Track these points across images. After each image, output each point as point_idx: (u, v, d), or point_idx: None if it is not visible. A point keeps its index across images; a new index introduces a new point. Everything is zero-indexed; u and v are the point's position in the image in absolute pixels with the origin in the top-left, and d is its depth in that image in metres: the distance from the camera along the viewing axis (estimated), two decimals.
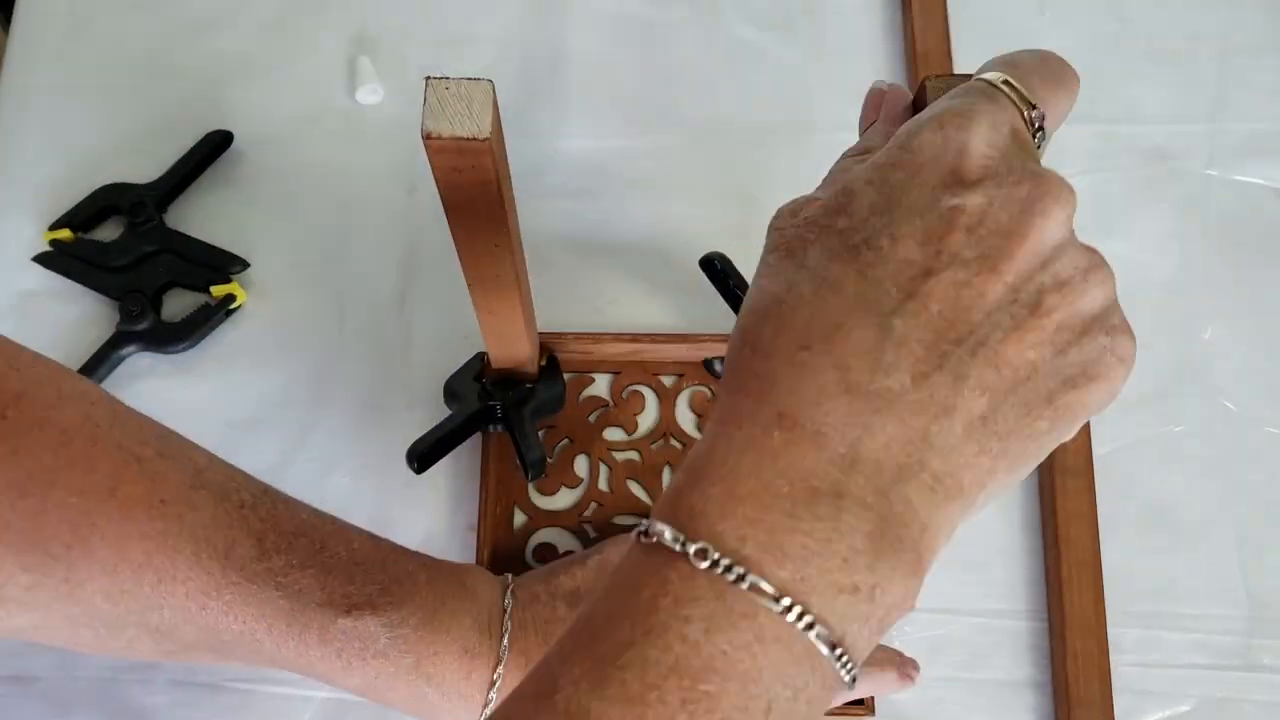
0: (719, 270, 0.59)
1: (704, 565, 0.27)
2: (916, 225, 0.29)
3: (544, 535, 0.59)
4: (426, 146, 0.35)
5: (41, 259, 0.64)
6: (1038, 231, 0.29)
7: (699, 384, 0.62)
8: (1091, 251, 0.31)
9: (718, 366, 0.58)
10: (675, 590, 0.27)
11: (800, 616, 0.27)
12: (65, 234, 0.63)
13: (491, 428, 0.58)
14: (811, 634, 0.27)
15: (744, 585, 0.27)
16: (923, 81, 0.35)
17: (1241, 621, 0.58)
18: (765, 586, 0.27)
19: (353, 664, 0.45)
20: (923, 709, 0.56)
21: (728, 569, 0.27)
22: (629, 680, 0.26)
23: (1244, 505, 0.61)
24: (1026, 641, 0.58)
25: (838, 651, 0.27)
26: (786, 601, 0.27)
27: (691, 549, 0.27)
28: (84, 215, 0.64)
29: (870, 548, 0.28)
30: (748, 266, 0.62)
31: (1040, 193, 0.29)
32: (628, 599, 0.28)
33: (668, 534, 0.28)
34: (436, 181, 0.37)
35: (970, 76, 0.33)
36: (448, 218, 0.40)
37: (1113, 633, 0.56)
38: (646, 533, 0.29)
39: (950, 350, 0.28)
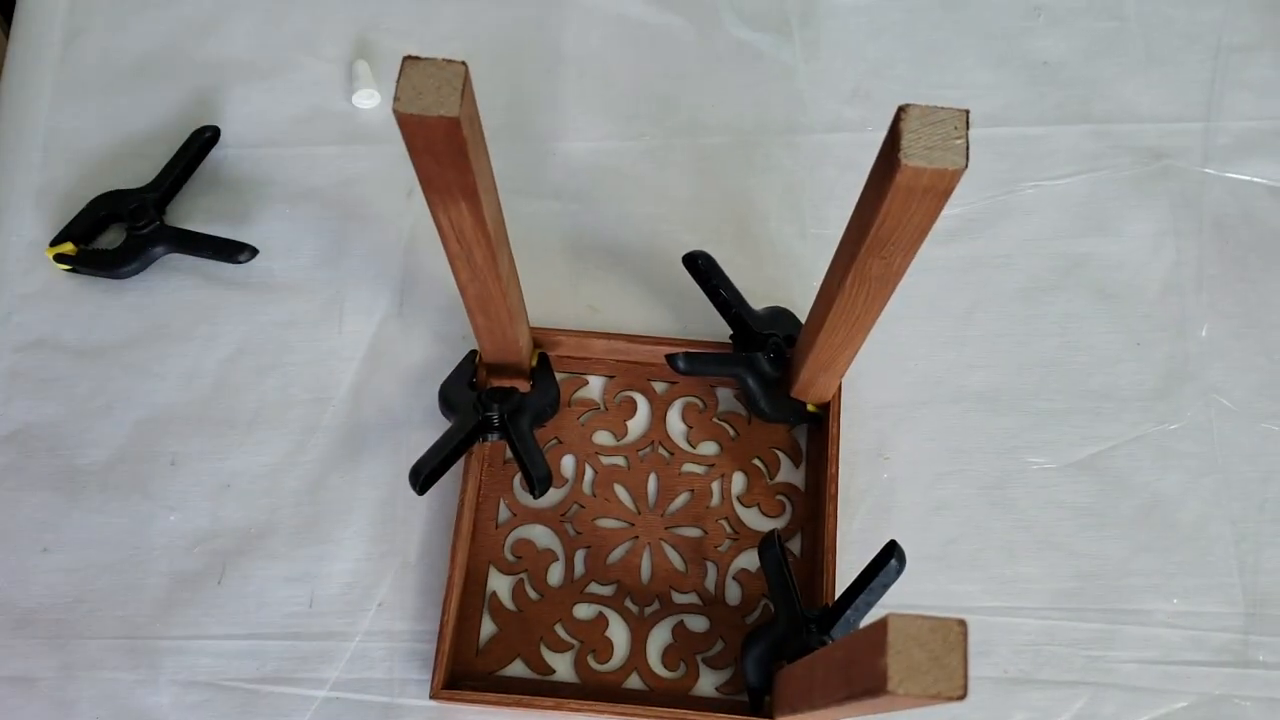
0: (701, 269, 0.60)
1: None
2: None
3: (524, 531, 0.59)
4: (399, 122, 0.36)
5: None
6: None
7: (692, 395, 0.62)
8: None
9: (681, 364, 0.59)
10: None
11: None
12: (68, 248, 0.64)
13: (489, 437, 0.57)
14: None
15: None
16: (899, 111, 0.36)
17: (1238, 619, 0.58)
18: None
19: None
20: None
21: None
22: None
23: (1240, 502, 0.61)
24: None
25: None
26: None
27: None
28: (83, 226, 0.64)
29: None
30: (744, 267, 0.63)
31: None
32: None
33: None
34: (412, 159, 0.38)
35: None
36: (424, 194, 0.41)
37: (1110, 630, 0.57)
38: None
39: None
